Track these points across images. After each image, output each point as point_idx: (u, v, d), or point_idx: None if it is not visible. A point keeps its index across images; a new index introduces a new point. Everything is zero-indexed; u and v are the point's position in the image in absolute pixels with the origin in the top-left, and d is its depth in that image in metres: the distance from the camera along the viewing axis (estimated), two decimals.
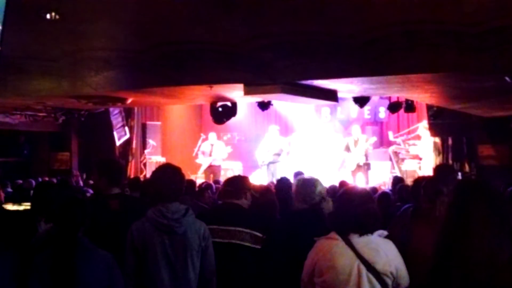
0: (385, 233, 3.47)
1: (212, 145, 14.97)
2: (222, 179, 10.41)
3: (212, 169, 14.74)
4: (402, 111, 12.57)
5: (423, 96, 10.25)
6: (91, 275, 3.53)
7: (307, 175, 9.22)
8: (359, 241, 3.34)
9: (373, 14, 6.35)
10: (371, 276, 3.28)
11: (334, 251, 3.34)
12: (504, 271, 2.45)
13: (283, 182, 6.96)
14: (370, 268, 3.27)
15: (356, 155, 13.56)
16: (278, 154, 14.05)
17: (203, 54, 7.55)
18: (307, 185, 4.53)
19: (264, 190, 5.90)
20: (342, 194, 3.65)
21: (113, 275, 3.65)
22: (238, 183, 4.87)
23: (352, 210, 3.39)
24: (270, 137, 14.36)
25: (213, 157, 14.79)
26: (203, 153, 14.95)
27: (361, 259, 3.28)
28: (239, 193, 4.74)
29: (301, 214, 4.44)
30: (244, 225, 4.54)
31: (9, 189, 10.18)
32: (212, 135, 15.13)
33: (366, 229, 3.37)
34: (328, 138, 16.66)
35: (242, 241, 4.52)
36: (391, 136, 15.72)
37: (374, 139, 14.21)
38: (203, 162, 14.94)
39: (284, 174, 11.77)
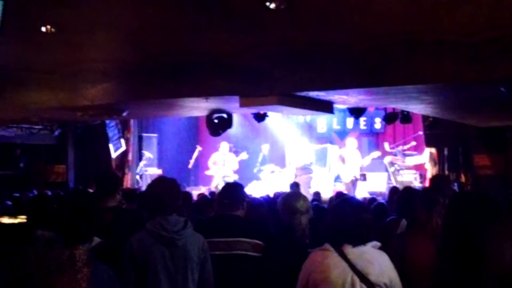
0: (379, 244, 3.46)
1: (224, 154, 14.84)
2: None
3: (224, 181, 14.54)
4: (398, 122, 12.58)
5: (419, 107, 10.27)
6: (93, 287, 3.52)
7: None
8: (352, 252, 3.33)
9: (369, 24, 6.38)
10: (364, 287, 3.27)
11: (328, 262, 3.33)
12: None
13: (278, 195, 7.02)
14: (364, 279, 3.27)
15: (351, 169, 13.46)
16: (310, 165, 13.90)
17: (200, 65, 7.56)
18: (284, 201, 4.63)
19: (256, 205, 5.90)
20: (335, 205, 3.67)
21: (113, 287, 3.64)
22: (234, 194, 4.85)
23: (345, 221, 3.40)
24: (300, 149, 14.22)
25: (226, 167, 14.68)
26: (215, 163, 14.78)
27: (355, 270, 3.28)
28: (236, 205, 4.73)
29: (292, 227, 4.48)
30: (244, 235, 4.53)
31: (9, 203, 10.14)
32: (224, 145, 14.87)
33: (359, 240, 3.36)
34: (326, 149, 16.64)
35: (244, 251, 4.51)
36: (387, 147, 15.72)
37: (378, 153, 14.07)
38: (216, 173, 14.73)
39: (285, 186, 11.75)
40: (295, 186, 9.45)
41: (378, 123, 16.70)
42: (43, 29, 6.71)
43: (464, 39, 6.10)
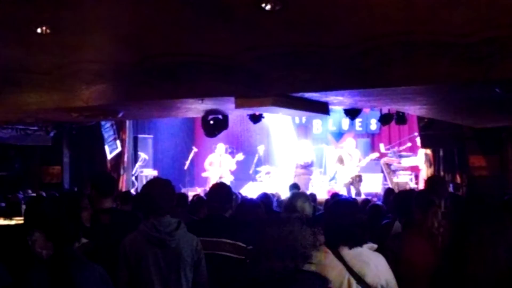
0: (375, 246, 3.47)
1: (220, 155, 14.80)
2: None
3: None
4: (393, 123, 12.58)
5: (414, 108, 10.29)
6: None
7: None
8: (349, 253, 3.34)
9: (366, 25, 6.38)
10: None
11: (324, 264, 3.34)
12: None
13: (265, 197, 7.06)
14: (360, 280, 3.28)
15: (350, 169, 13.46)
16: (311, 165, 13.86)
17: (196, 66, 7.55)
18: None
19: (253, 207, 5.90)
20: (330, 207, 3.68)
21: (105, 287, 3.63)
22: (223, 196, 4.86)
23: (339, 221, 3.41)
24: (301, 147, 14.18)
25: (223, 168, 14.65)
26: (211, 164, 14.74)
27: (351, 272, 3.28)
28: (225, 206, 4.75)
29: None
30: (227, 236, 4.54)
31: (2, 204, 10.12)
32: (220, 146, 14.87)
33: (354, 240, 3.37)
34: (321, 150, 16.65)
35: (225, 252, 4.51)
36: (382, 148, 15.73)
37: (376, 154, 14.10)
38: (212, 174, 14.69)
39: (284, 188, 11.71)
40: (294, 187, 9.38)
41: (373, 124, 16.71)
42: (39, 30, 6.70)
43: (460, 40, 6.11)
